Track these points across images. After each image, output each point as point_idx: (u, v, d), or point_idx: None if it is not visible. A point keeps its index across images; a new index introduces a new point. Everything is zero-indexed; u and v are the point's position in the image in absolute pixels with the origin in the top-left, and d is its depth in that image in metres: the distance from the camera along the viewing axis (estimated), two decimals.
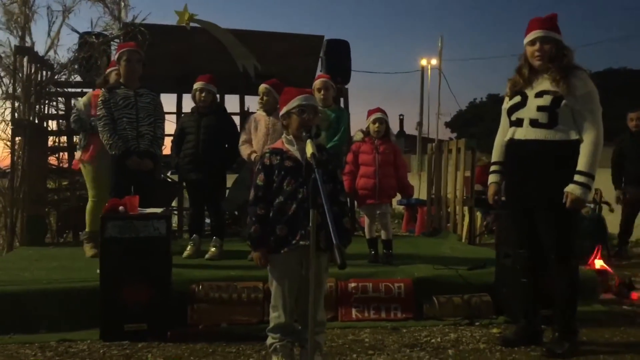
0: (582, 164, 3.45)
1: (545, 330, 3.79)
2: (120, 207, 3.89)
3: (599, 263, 5.38)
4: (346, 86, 7.86)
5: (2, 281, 4.24)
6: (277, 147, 3.13)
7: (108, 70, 5.44)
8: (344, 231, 3.04)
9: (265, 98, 5.18)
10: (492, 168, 3.91)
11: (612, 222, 8.09)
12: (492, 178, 3.89)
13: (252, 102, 7.65)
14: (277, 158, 3.06)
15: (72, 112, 5.81)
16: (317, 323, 2.95)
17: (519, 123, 3.63)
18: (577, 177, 3.44)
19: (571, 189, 3.43)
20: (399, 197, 5.61)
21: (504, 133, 3.80)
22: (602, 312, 4.51)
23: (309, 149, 2.76)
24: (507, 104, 3.75)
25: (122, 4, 7.23)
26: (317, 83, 5.30)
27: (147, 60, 5.26)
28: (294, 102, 3.08)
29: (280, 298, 3.06)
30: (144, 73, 4.98)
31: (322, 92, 5.21)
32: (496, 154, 3.88)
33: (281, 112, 3.16)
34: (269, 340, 3.11)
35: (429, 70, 26.10)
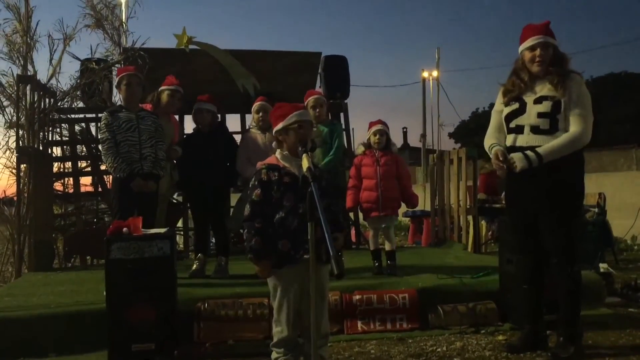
0: (544, 147, 3.50)
1: (551, 335, 3.80)
2: (124, 229, 3.94)
3: (603, 266, 5.38)
4: (346, 101, 7.94)
5: (11, 307, 4.29)
6: (273, 162, 3.13)
7: (161, 89, 5.46)
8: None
9: (261, 115, 5.28)
10: (491, 145, 3.78)
11: (618, 226, 8.08)
12: (494, 148, 3.74)
13: None
14: (275, 174, 3.08)
15: None
16: (320, 336, 2.99)
17: (519, 130, 3.65)
18: (529, 152, 3.52)
19: (516, 156, 3.54)
20: (404, 208, 5.63)
21: (496, 130, 3.80)
22: (608, 315, 4.51)
23: (305, 163, 2.80)
24: (502, 109, 3.77)
25: (122, 29, 7.36)
26: (310, 101, 5.30)
27: (148, 84, 5.36)
28: (291, 118, 3.09)
29: (284, 313, 3.08)
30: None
31: (317, 109, 5.24)
32: (490, 140, 3.81)
33: (277, 128, 3.15)
34: (274, 355, 3.14)
35: (431, 82, 26.26)
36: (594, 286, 4.66)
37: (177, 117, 6.13)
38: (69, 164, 7.36)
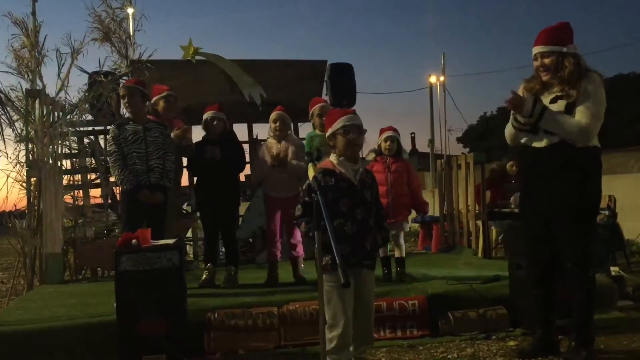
0: (553, 111, 3.47)
1: (562, 339, 3.77)
2: (133, 241, 3.95)
3: (614, 270, 5.34)
4: (352, 108, 7.95)
5: (23, 320, 4.31)
6: (328, 167, 3.20)
7: (154, 99, 5.44)
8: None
9: (279, 124, 5.26)
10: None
11: (629, 228, 8.02)
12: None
13: (260, 130, 7.77)
14: (331, 179, 3.13)
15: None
16: (368, 339, 3.29)
17: (534, 130, 3.62)
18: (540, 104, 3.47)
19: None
20: (414, 214, 5.62)
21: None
22: (620, 319, 4.47)
23: (311, 173, 2.82)
24: None
25: (129, 42, 7.43)
26: (316, 109, 5.28)
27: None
28: (338, 123, 3.21)
29: (341, 315, 3.09)
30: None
31: (323, 118, 5.23)
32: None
33: (327, 134, 3.28)
34: None
35: (438, 87, 26.22)
36: (605, 290, 4.61)
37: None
38: (78, 177, 7.41)
